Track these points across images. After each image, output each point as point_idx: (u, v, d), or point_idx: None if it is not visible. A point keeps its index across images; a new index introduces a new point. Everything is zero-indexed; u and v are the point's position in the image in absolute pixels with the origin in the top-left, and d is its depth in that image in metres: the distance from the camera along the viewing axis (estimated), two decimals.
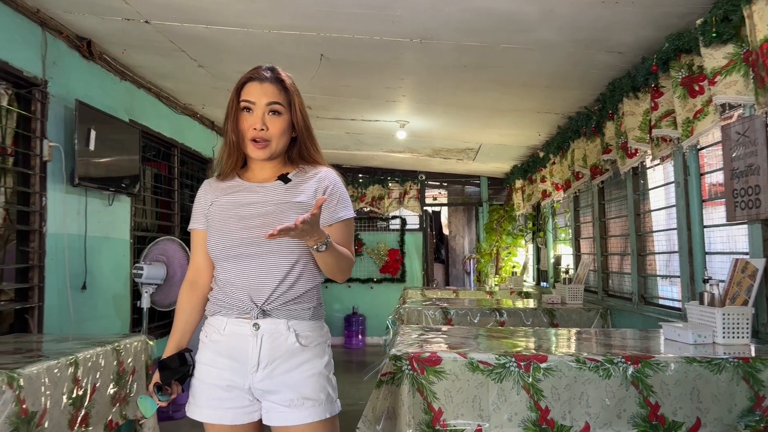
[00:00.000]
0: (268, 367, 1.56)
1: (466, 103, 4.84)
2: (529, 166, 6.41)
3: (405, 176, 8.21)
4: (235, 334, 1.59)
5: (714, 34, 2.52)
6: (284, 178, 1.66)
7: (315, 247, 1.50)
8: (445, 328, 3.16)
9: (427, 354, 2.17)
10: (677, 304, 3.50)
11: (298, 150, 1.70)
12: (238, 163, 1.69)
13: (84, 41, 3.59)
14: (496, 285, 7.36)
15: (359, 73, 4.12)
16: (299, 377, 1.57)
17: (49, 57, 3.32)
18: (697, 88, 2.80)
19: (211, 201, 1.69)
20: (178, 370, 1.65)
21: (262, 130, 1.61)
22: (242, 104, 1.63)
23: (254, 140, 1.62)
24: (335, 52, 3.66)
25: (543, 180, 5.84)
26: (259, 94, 1.62)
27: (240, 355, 1.58)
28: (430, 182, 8.52)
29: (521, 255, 7.71)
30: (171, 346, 1.71)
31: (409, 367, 2.14)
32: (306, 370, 1.58)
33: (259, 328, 1.57)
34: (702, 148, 3.15)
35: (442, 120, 5.52)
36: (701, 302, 2.64)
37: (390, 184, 8.20)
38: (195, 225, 1.73)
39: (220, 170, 1.71)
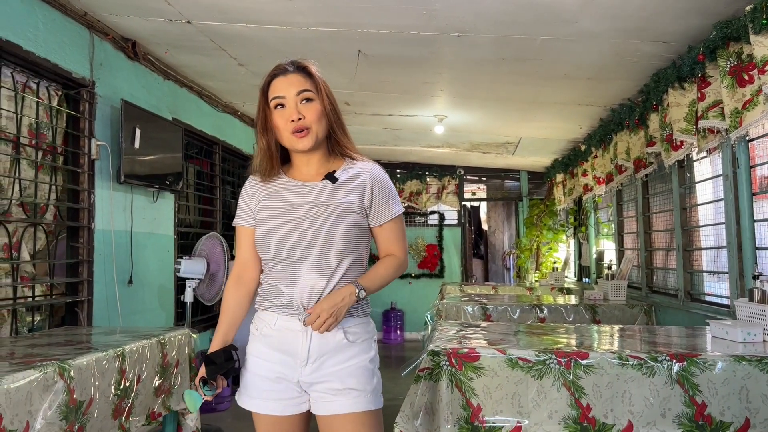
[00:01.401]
0: (317, 362, 1.59)
1: (505, 97, 4.78)
2: (570, 160, 6.30)
3: (443, 171, 8.17)
4: (285, 329, 1.62)
5: (764, 21, 2.42)
6: (332, 178, 1.65)
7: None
8: (484, 324, 3.14)
9: (466, 350, 2.16)
10: (725, 301, 3.39)
11: (336, 140, 1.69)
12: (274, 165, 1.69)
13: (129, 42, 3.69)
14: (536, 281, 7.27)
15: (396, 69, 4.11)
16: (346, 371, 1.60)
17: (97, 58, 3.42)
18: (746, 77, 2.69)
19: (259, 200, 1.69)
20: (223, 366, 1.67)
21: (300, 119, 1.60)
22: (273, 102, 1.63)
23: (294, 132, 1.61)
24: (372, 48, 3.67)
25: (584, 174, 5.72)
26: (287, 87, 1.62)
27: (290, 349, 1.61)
28: (468, 177, 8.46)
29: (562, 250, 7.59)
30: (217, 341, 1.72)
31: (448, 362, 2.14)
32: (352, 364, 1.61)
33: (308, 325, 1.59)
34: (752, 140, 3.04)
35: (480, 114, 5.47)
36: (751, 299, 2.55)
37: (428, 179, 8.18)
38: (242, 222, 1.73)
39: (260, 174, 1.70)
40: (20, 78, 2.97)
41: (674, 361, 2.07)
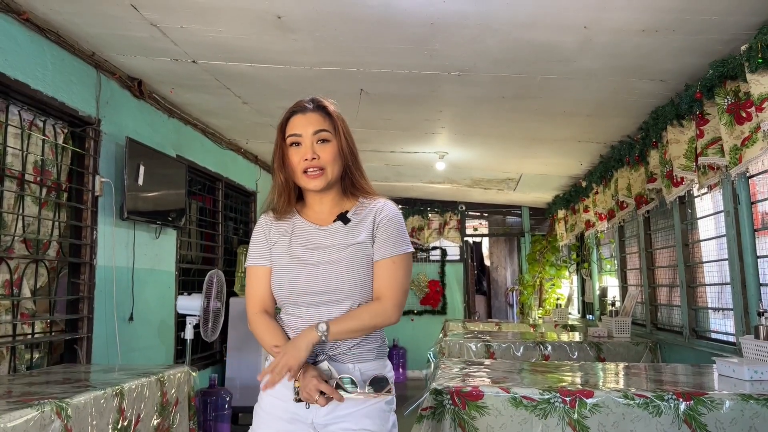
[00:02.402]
0: (333, 403, 1.55)
1: (505, 134, 4.83)
2: (572, 196, 6.32)
3: (445, 207, 8.20)
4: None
5: (760, 60, 2.46)
6: (344, 219, 1.64)
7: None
8: (487, 361, 3.11)
9: (469, 388, 2.13)
10: (731, 338, 3.35)
11: (350, 179, 1.68)
12: (291, 201, 1.68)
13: (135, 81, 3.75)
14: (539, 317, 7.21)
15: (398, 107, 4.17)
16: (361, 411, 1.56)
17: (103, 97, 3.48)
18: (744, 114, 2.73)
19: (274, 241, 1.67)
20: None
21: (314, 159, 1.59)
22: (289, 139, 1.62)
23: (307, 171, 1.60)
24: (375, 87, 3.73)
25: (586, 210, 5.74)
26: (304, 125, 1.62)
27: None
28: (470, 212, 8.48)
29: (565, 287, 7.55)
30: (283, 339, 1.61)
31: (451, 401, 2.11)
32: (368, 405, 1.56)
33: (326, 367, 1.56)
34: (752, 176, 3.06)
35: (481, 150, 5.52)
36: (756, 336, 2.53)
37: (430, 215, 8.20)
38: (257, 261, 1.68)
39: (274, 209, 1.69)
40: (27, 116, 3.02)
41: (681, 399, 2.04)
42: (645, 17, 2.65)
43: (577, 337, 4.70)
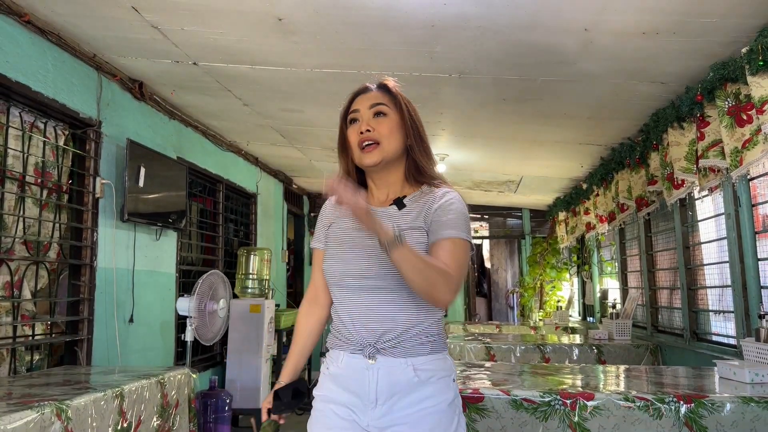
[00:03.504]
0: (387, 403, 1.44)
1: (506, 136, 4.83)
2: (572, 198, 6.32)
3: None
4: (352, 367, 1.49)
5: (761, 63, 2.47)
6: (399, 203, 1.56)
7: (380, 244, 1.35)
8: (487, 364, 3.10)
9: (469, 391, 2.13)
10: (732, 341, 3.35)
11: (414, 162, 1.59)
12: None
13: (136, 83, 3.76)
14: (540, 320, 7.20)
15: None
16: (419, 415, 1.43)
17: (104, 99, 3.48)
18: (744, 117, 2.73)
19: (330, 222, 1.64)
20: (290, 404, 1.54)
21: (368, 131, 1.54)
22: (349, 118, 1.59)
23: (361, 144, 1.54)
24: None
25: (587, 212, 5.73)
26: (362, 102, 1.60)
27: (359, 389, 1.47)
28: (470, 215, 8.43)
29: (566, 289, 7.54)
30: (287, 371, 1.61)
31: None
32: (426, 407, 1.44)
33: (375, 361, 1.46)
34: (753, 178, 3.06)
35: (482, 153, 5.52)
36: (758, 339, 2.53)
37: None
38: (314, 244, 1.68)
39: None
40: (28, 118, 3.02)
41: (682, 402, 2.04)
42: (646, 20, 2.65)
43: (577, 339, 4.70)
